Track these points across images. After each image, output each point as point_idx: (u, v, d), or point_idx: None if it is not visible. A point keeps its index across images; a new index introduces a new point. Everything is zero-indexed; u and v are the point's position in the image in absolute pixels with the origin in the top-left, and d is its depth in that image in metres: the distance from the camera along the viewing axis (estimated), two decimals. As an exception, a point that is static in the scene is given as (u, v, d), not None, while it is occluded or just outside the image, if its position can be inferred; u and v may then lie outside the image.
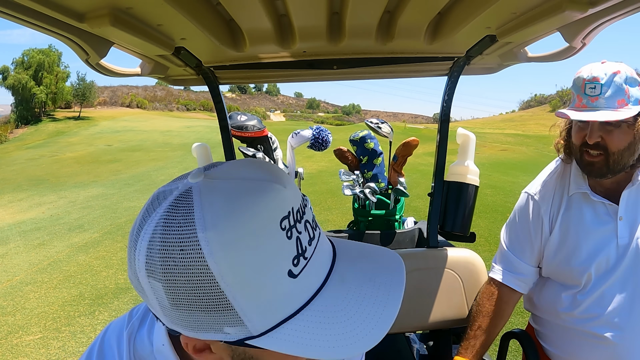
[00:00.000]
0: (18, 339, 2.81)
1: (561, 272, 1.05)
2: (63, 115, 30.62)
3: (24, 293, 3.58)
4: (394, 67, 1.45)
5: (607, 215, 0.99)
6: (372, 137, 2.21)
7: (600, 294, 0.98)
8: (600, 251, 0.97)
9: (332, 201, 6.44)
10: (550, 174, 1.13)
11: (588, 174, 0.99)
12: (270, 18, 0.92)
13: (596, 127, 0.94)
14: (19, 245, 5.08)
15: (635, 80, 0.95)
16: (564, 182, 1.08)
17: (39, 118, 29.34)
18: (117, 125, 25.17)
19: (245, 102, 65.09)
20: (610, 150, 0.93)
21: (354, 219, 2.13)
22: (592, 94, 0.92)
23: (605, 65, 0.94)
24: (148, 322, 0.48)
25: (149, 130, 21.86)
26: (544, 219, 1.07)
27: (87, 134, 21.83)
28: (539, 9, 0.85)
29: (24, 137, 23.27)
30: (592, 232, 0.99)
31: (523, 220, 1.12)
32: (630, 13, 0.77)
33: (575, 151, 1.01)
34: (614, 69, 0.93)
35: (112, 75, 1.11)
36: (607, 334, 0.95)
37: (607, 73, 0.92)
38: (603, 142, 0.93)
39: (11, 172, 12.36)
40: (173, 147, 15.87)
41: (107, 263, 4.22)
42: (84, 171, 11.75)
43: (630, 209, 0.97)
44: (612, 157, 0.93)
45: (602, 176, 0.96)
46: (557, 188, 1.08)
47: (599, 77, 0.92)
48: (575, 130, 1.00)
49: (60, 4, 0.69)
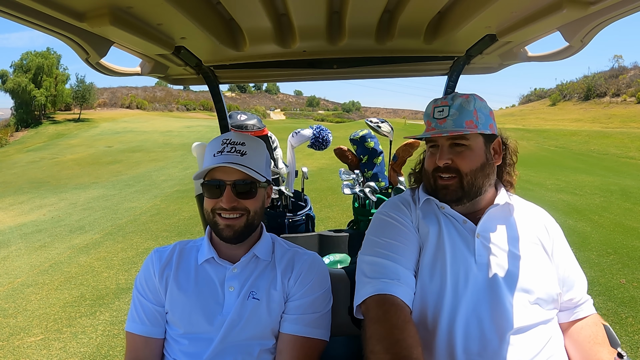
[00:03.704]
0: (20, 341, 2.81)
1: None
2: (63, 117, 30.62)
3: (25, 295, 3.59)
4: (394, 66, 1.45)
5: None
6: (373, 136, 2.21)
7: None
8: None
9: (332, 198, 6.43)
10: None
11: (443, 199, 0.95)
12: (270, 17, 0.93)
13: (446, 149, 0.93)
14: (20, 248, 5.08)
15: (487, 107, 0.97)
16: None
17: (39, 121, 29.34)
18: (117, 126, 25.18)
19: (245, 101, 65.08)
20: (462, 171, 0.92)
21: (354, 218, 2.13)
22: (440, 117, 0.95)
23: (455, 93, 0.98)
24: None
25: (149, 131, 21.87)
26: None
27: (87, 135, 21.84)
28: (539, 9, 0.85)
29: (25, 140, 23.28)
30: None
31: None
32: (629, 12, 0.77)
33: (428, 177, 0.98)
34: (464, 95, 0.96)
35: (112, 75, 1.11)
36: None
37: (454, 98, 0.95)
38: (454, 165, 0.93)
39: (12, 175, 12.37)
40: (173, 147, 15.87)
41: (108, 264, 4.22)
42: (84, 173, 11.76)
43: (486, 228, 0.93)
44: (465, 179, 0.92)
45: (459, 200, 0.94)
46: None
47: (447, 101, 0.95)
48: (427, 156, 1.00)
49: (60, 3, 0.69)
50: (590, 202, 6.09)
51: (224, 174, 0.90)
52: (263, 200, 0.98)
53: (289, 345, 0.93)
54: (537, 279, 0.88)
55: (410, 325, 0.78)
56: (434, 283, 0.88)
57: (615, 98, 27.62)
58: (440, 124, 0.94)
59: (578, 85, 32.21)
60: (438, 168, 0.94)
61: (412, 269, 0.91)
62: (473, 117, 0.94)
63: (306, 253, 1.05)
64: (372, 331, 0.78)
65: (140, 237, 5.10)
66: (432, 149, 0.98)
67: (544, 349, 0.84)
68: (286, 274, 0.98)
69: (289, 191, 2.11)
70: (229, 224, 0.91)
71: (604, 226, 4.84)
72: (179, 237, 5.04)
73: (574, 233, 4.52)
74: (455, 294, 0.87)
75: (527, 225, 0.97)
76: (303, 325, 0.94)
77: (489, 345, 0.82)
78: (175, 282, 0.96)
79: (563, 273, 0.94)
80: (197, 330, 0.93)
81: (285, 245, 1.06)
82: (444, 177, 0.94)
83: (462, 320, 0.84)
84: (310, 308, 0.96)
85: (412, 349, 0.73)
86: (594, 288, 3.18)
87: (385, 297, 0.83)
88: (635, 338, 2.51)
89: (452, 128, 0.92)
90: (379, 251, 0.92)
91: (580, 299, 0.95)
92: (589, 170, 9.62)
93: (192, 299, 0.94)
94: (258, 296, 0.94)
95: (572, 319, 0.94)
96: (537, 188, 7.09)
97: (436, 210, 0.98)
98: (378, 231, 0.97)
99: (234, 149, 0.92)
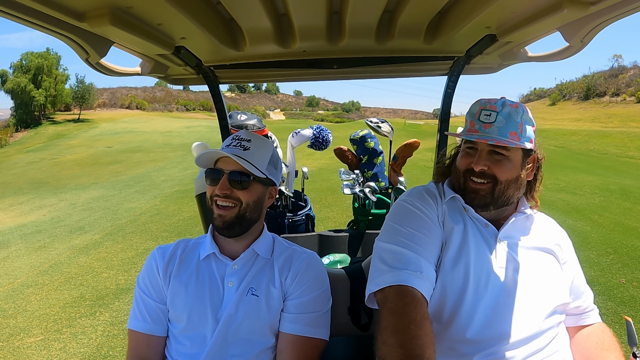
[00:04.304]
0: (19, 341, 2.80)
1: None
2: (63, 117, 30.61)
3: (25, 295, 3.59)
4: (394, 66, 1.45)
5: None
6: (373, 136, 2.21)
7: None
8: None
9: (332, 198, 6.43)
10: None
11: (471, 201, 0.94)
12: (270, 17, 0.93)
13: (484, 155, 0.91)
14: (20, 248, 5.07)
15: (531, 121, 0.96)
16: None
17: (39, 121, 29.31)
18: (116, 126, 25.17)
19: (244, 101, 65.06)
20: (498, 179, 0.90)
21: (354, 218, 2.13)
22: (486, 121, 0.92)
23: (505, 100, 0.95)
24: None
25: (149, 131, 21.87)
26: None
27: (87, 136, 21.83)
28: (539, 9, 0.85)
29: (24, 140, 23.27)
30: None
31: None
32: (629, 12, 0.77)
33: (459, 176, 0.96)
34: (513, 104, 0.94)
35: (112, 75, 1.11)
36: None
37: (505, 105, 0.93)
38: (489, 171, 0.90)
39: (12, 176, 12.37)
40: (173, 147, 15.87)
41: (108, 264, 4.22)
42: (84, 173, 11.75)
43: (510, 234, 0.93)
44: (498, 187, 0.90)
45: (486, 206, 0.93)
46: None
47: (497, 106, 0.93)
48: (462, 155, 0.97)
49: (60, 3, 0.69)
50: (590, 201, 6.09)
51: (224, 164, 0.96)
52: (260, 197, 0.99)
53: (288, 345, 0.94)
54: (551, 288, 0.90)
55: (427, 322, 0.76)
56: (457, 280, 0.87)
57: (614, 97, 27.64)
58: (485, 128, 0.92)
59: (578, 84, 32.22)
60: (471, 170, 0.92)
61: (434, 264, 0.89)
62: (518, 129, 0.91)
63: (304, 252, 1.05)
64: (389, 322, 0.75)
65: (140, 238, 5.10)
66: (470, 150, 0.95)
67: (550, 344, 0.86)
68: (283, 272, 0.99)
69: (289, 191, 2.11)
70: (221, 213, 0.95)
71: (604, 226, 4.85)
72: (179, 237, 5.00)
73: (574, 233, 4.52)
74: (476, 293, 0.86)
75: (544, 236, 0.98)
76: (302, 325, 0.95)
77: (501, 347, 0.83)
78: (177, 278, 0.97)
79: (572, 283, 0.96)
80: (198, 325, 0.94)
81: (284, 243, 1.07)
82: (477, 181, 0.92)
83: (480, 320, 0.85)
84: (309, 307, 0.96)
85: (425, 348, 0.71)
86: (594, 288, 3.16)
87: (407, 289, 0.80)
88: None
89: (497, 136, 0.90)
90: (401, 240, 0.89)
91: (587, 307, 0.97)
92: (588, 169, 9.63)
93: (193, 294, 0.95)
94: (257, 292, 0.95)
95: (578, 324, 0.96)
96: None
97: (461, 209, 0.97)
98: (401, 219, 0.94)
99: (240, 143, 0.98)
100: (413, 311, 0.76)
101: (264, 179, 0.98)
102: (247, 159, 0.95)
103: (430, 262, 0.88)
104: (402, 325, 0.74)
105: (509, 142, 0.89)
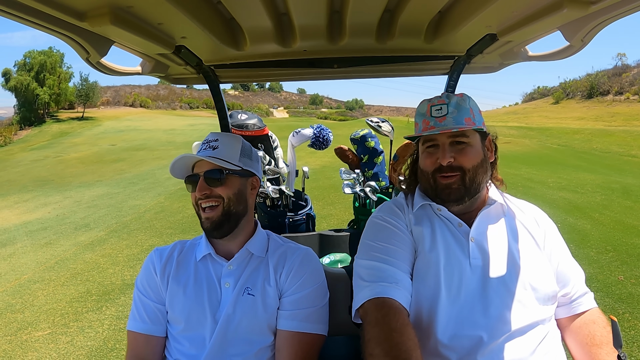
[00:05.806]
0: (27, 335, 2.85)
1: None
2: (67, 116, 30.79)
3: (32, 291, 3.63)
4: (395, 65, 1.45)
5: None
6: (373, 135, 2.21)
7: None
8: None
9: (334, 196, 6.44)
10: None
11: (446, 199, 0.94)
12: (270, 17, 0.93)
13: (447, 147, 0.93)
14: (26, 245, 5.13)
15: (478, 107, 0.99)
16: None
17: (43, 119, 29.48)
18: (120, 124, 25.29)
19: (248, 99, 65.03)
20: (465, 168, 0.92)
21: (355, 217, 2.14)
22: (438, 115, 0.94)
23: (447, 93, 0.99)
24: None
25: (153, 129, 21.95)
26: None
27: (91, 134, 21.96)
28: (540, 8, 0.84)
29: (28, 138, 23.45)
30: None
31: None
32: (630, 12, 0.77)
33: (428, 178, 0.96)
34: (457, 94, 0.97)
35: (113, 74, 1.12)
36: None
37: (450, 96, 0.96)
38: (457, 162, 0.92)
39: (16, 174, 12.48)
40: (176, 145, 15.93)
41: (113, 260, 4.26)
42: (88, 171, 11.84)
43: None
44: (467, 175, 0.92)
45: (461, 199, 0.93)
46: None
47: (444, 99, 0.96)
48: (425, 156, 0.97)
49: (61, 3, 0.69)
50: (591, 200, 6.06)
51: (199, 168, 0.99)
52: (240, 189, 1.00)
53: (286, 341, 0.94)
54: (533, 278, 0.88)
55: (408, 328, 0.78)
56: (428, 286, 0.88)
57: (618, 96, 27.36)
58: (440, 122, 0.93)
59: (581, 83, 31.92)
60: (440, 168, 0.93)
61: (409, 272, 0.91)
62: (470, 114, 0.94)
63: (299, 248, 1.05)
64: (371, 334, 0.77)
65: (144, 235, 5.14)
66: (431, 149, 0.96)
67: (540, 346, 0.84)
68: (278, 269, 1.00)
69: (290, 191, 2.11)
70: (208, 216, 0.96)
71: (604, 224, 4.82)
72: (183, 234, 5.07)
73: (574, 231, 4.49)
74: (449, 297, 0.86)
75: (519, 222, 0.97)
76: (299, 321, 0.95)
77: (484, 348, 0.82)
78: (175, 280, 0.98)
79: (556, 267, 0.93)
80: (197, 326, 0.94)
81: (279, 240, 1.08)
82: (446, 176, 0.93)
83: (457, 324, 0.84)
84: (305, 303, 0.97)
85: (411, 352, 0.72)
86: (592, 284, 3.17)
87: (384, 300, 0.82)
88: (632, 333, 2.52)
89: (454, 125, 0.92)
90: (375, 255, 0.91)
91: (575, 293, 0.94)
92: (591, 168, 9.56)
93: (191, 295, 0.96)
94: (253, 292, 0.96)
95: (570, 314, 0.93)
96: (538, 186, 7.06)
97: (430, 214, 0.98)
98: (374, 235, 0.97)
99: (209, 145, 1.01)
100: (393, 320, 0.78)
101: (240, 170, 1.00)
102: (217, 156, 0.97)
103: (405, 272, 0.90)
104: (384, 334, 0.76)
105: (468, 126, 0.92)
